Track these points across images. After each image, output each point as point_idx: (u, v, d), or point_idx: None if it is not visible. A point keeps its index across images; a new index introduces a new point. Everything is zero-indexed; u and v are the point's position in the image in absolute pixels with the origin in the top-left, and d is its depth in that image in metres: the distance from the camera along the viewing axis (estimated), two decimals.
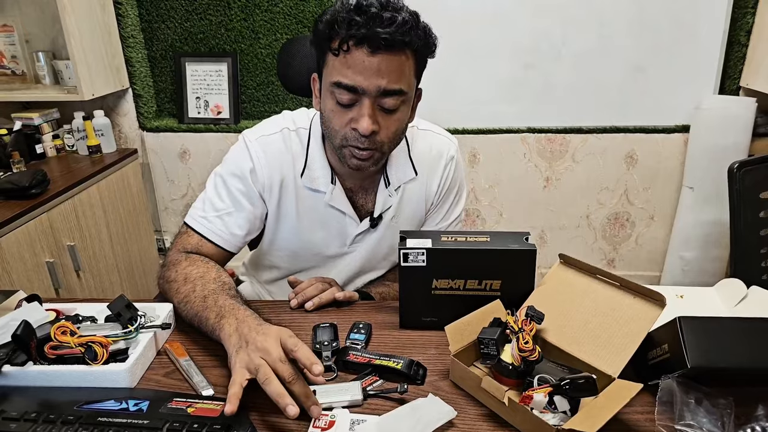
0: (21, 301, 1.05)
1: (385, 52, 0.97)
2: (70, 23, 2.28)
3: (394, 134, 1.08)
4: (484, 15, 2.47)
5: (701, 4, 2.35)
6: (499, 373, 0.88)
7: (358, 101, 1.02)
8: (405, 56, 1.00)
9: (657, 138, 2.56)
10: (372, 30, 0.95)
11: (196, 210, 1.19)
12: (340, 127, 1.05)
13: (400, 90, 1.01)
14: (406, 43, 0.98)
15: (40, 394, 0.87)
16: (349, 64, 0.99)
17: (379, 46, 0.96)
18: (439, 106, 2.49)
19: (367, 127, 1.01)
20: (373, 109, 1.02)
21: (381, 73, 0.98)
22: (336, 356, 0.96)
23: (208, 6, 2.61)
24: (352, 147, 1.06)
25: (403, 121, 1.09)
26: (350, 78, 0.99)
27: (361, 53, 0.97)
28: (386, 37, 0.95)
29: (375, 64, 0.98)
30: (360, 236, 1.27)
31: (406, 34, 0.97)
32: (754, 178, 1.46)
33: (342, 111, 1.04)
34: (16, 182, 1.99)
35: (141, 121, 2.79)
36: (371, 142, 1.04)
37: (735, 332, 0.84)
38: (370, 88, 0.99)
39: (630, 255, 2.82)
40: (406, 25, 0.97)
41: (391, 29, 0.95)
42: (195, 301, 1.00)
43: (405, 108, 1.07)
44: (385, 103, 1.02)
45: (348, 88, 1.00)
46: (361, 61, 0.98)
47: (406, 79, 1.02)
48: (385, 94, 1.01)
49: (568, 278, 1.00)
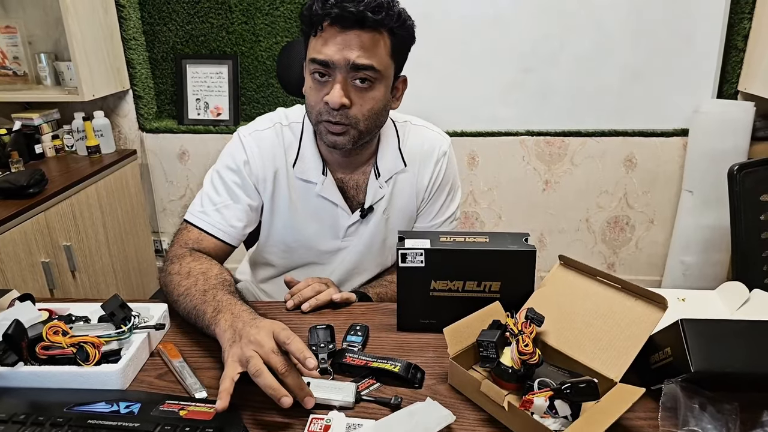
0: (14, 301, 1.03)
1: (357, 29, 1.02)
2: (73, 25, 2.29)
3: (369, 112, 1.10)
4: (484, 19, 2.47)
5: (698, 10, 2.35)
6: (498, 376, 0.87)
7: (332, 77, 1.06)
8: (378, 34, 1.05)
9: (656, 141, 2.56)
10: (342, 7, 1.00)
11: (195, 207, 1.21)
12: (315, 103, 1.10)
13: (371, 65, 1.05)
14: (377, 21, 1.02)
15: (30, 395, 0.86)
16: (322, 41, 1.04)
17: (351, 23, 1.01)
18: (438, 109, 2.48)
19: (336, 100, 1.04)
20: (344, 84, 1.05)
21: (351, 47, 1.03)
22: (332, 358, 0.95)
23: (210, 9, 2.61)
24: (326, 122, 1.09)
25: (379, 100, 1.10)
26: (323, 53, 1.04)
27: (334, 30, 1.03)
28: (353, 11, 1.00)
29: (346, 40, 1.03)
30: (352, 228, 1.27)
31: (376, 12, 1.01)
32: (754, 180, 1.44)
33: (318, 87, 1.08)
34: (14, 181, 1.98)
35: (141, 122, 2.79)
36: (343, 116, 1.07)
37: (740, 335, 0.82)
38: (341, 61, 1.03)
39: (630, 259, 2.81)
40: (374, 2, 1.01)
41: (360, 6, 1.00)
42: (195, 295, 1.00)
43: (381, 87, 1.09)
44: (358, 79, 1.06)
45: (321, 63, 1.04)
46: (333, 38, 1.03)
47: (378, 57, 1.05)
48: (355, 68, 1.04)
49: (568, 280, 0.99)
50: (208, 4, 2.60)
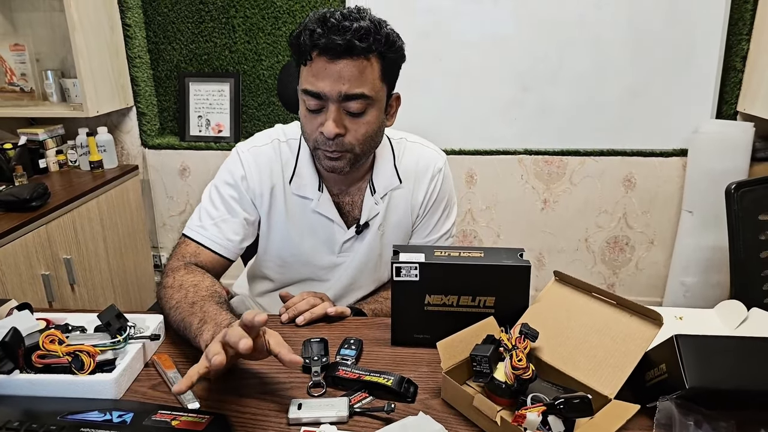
0: (12, 310, 1.04)
1: (345, 58, 1.02)
2: (80, 43, 2.33)
3: (364, 137, 1.11)
4: (483, 38, 2.49)
5: (696, 31, 2.38)
6: (491, 391, 0.86)
7: (325, 107, 1.07)
8: (367, 61, 1.05)
9: (655, 161, 2.56)
10: (329, 38, 1.00)
11: (193, 221, 1.23)
12: (311, 132, 1.11)
13: (362, 94, 1.05)
14: (364, 48, 1.02)
15: (25, 403, 0.86)
16: (313, 72, 1.05)
17: (339, 53, 1.01)
18: (437, 127, 2.51)
19: (331, 131, 1.06)
20: (338, 114, 1.06)
21: (342, 78, 1.03)
22: (325, 372, 0.95)
23: (214, 29, 2.66)
24: (322, 150, 1.11)
25: (373, 123, 1.11)
26: (314, 85, 1.05)
27: (323, 61, 1.03)
28: (340, 43, 1.00)
29: (336, 71, 1.03)
30: (348, 244, 1.28)
31: (363, 40, 1.02)
32: (752, 199, 1.45)
33: (312, 116, 1.09)
34: (17, 194, 2.00)
35: (143, 139, 2.81)
36: (338, 144, 1.09)
37: (735, 352, 0.82)
38: (332, 93, 1.04)
39: (630, 280, 2.80)
40: (361, 31, 1.01)
41: (347, 36, 1.00)
42: (184, 307, 1.01)
43: (374, 111, 1.10)
44: (350, 107, 1.07)
45: (313, 95, 1.06)
46: (323, 69, 1.03)
47: (369, 83, 1.06)
48: (347, 98, 1.05)
49: (563, 296, 0.99)
50: (212, 23, 2.65)
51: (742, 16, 2.36)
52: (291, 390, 0.92)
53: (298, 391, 0.91)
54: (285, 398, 0.89)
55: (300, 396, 0.89)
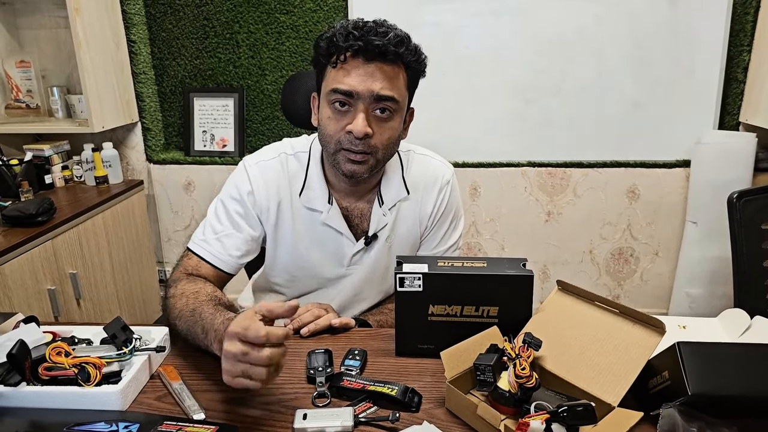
0: (18, 323, 1.04)
1: (379, 61, 1.06)
2: (85, 60, 2.35)
3: (388, 141, 1.13)
4: (485, 52, 2.51)
5: (698, 42, 2.39)
6: (495, 400, 0.86)
7: (353, 107, 1.08)
8: (398, 67, 1.08)
9: (658, 173, 2.57)
10: (367, 40, 1.04)
11: (197, 235, 1.23)
12: (335, 132, 1.11)
13: (392, 97, 1.08)
14: (398, 54, 1.06)
15: (32, 415, 0.87)
16: (346, 71, 1.07)
17: (374, 55, 1.05)
18: (440, 139, 2.45)
19: (362, 129, 1.07)
20: (367, 114, 1.08)
21: (375, 78, 1.06)
22: (330, 382, 0.95)
23: (218, 44, 2.68)
24: (346, 150, 1.11)
25: (396, 130, 1.14)
26: (346, 83, 1.06)
27: (358, 61, 1.06)
28: (379, 44, 1.03)
29: (370, 71, 1.06)
30: (357, 256, 1.28)
31: (399, 46, 1.05)
32: (754, 208, 1.45)
33: (338, 117, 1.10)
34: (23, 210, 2.01)
35: (148, 154, 2.83)
36: (365, 144, 1.09)
37: (738, 358, 0.82)
38: (365, 92, 1.06)
39: (635, 291, 2.79)
40: (398, 39, 1.06)
41: (385, 40, 1.04)
42: (186, 316, 1.02)
43: (398, 118, 1.13)
44: (379, 110, 1.09)
45: (344, 93, 1.07)
46: (356, 68, 1.06)
47: (398, 89, 1.09)
48: (378, 99, 1.07)
49: (566, 305, 1.00)
50: (216, 39, 2.67)
51: (743, 28, 2.37)
52: (296, 400, 0.92)
53: (303, 402, 0.92)
54: (290, 408, 0.89)
55: (305, 406, 0.90)
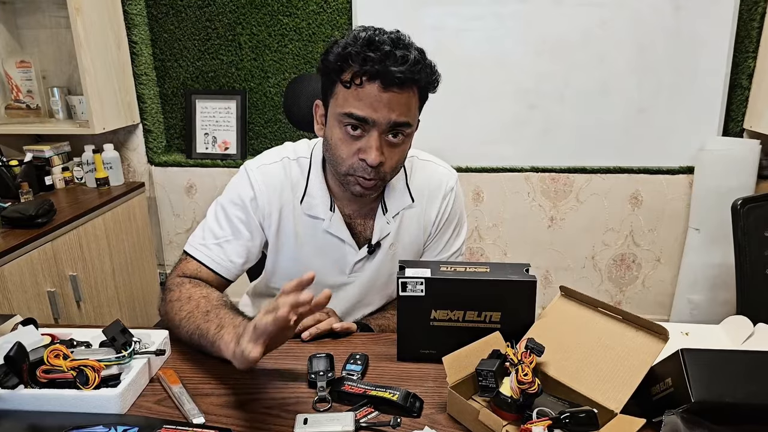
0: (17, 325, 1.04)
1: (395, 88, 1.02)
2: (86, 60, 2.34)
3: (397, 164, 1.12)
4: (488, 56, 2.51)
5: (703, 48, 2.39)
6: (497, 406, 0.86)
7: (367, 133, 1.05)
8: (412, 92, 1.05)
9: (661, 179, 2.56)
10: (385, 67, 1.00)
11: (196, 238, 1.21)
12: (347, 156, 1.08)
13: (407, 123, 1.06)
14: (415, 81, 1.03)
15: (29, 418, 0.86)
16: (360, 97, 1.03)
17: (393, 83, 1.01)
18: (443, 145, 2.50)
19: (375, 159, 1.05)
20: (380, 142, 1.05)
21: (392, 107, 1.03)
22: (331, 387, 0.94)
23: (220, 46, 2.68)
24: (359, 176, 1.09)
25: (405, 151, 1.13)
26: (362, 110, 1.03)
27: (374, 88, 1.02)
28: (400, 75, 1.00)
29: (386, 99, 1.02)
30: (359, 264, 1.27)
31: (417, 73, 1.02)
32: (758, 215, 1.45)
33: (350, 141, 1.07)
34: (23, 211, 2.01)
35: (150, 156, 2.83)
36: (377, 172, 1.08)
37: (742, 365, 0.82)
38: (381, 120, 1.03)
39: (637, 297, 2.78)
40: (417, 64, 1.02)
41: (404, 68, 1.00)
42: (198, 316, 1.02)
43: (408, 140, 1.12)
44: (392, 136, 1.07)
45: (359, 119, 1.04)
46: (373, 95, 1.02)
47: (412, 113, 1.07)
48: (393, 127, 1.05)
49: (569, 311, 0.99)
50: (219, 41, 2.67)
51: (749, 34, 2.37)
52: (297, 405, 0.91)
53: (304, 406, 0.91)
54: (291, 413, 0.88)
55: (306, 411, 0.89)
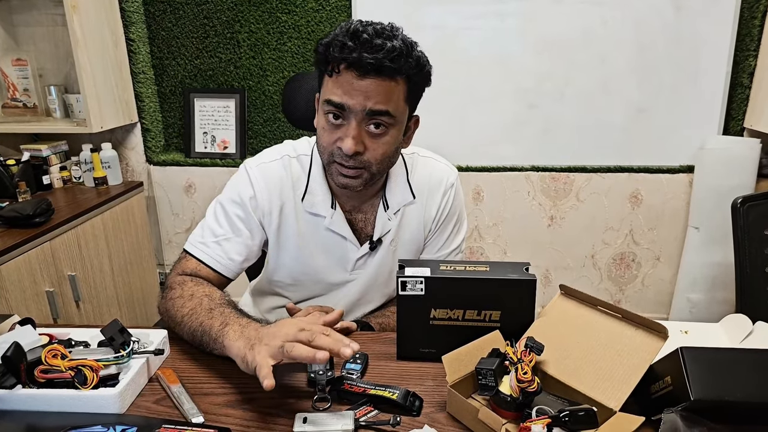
0: (14, 325, 1.03)
1: (374, 77, 1.01)
2: (83, 58, 2.34)
3: (382, 156, 1.10)
4: (489, 55, 2.51)
5: (703, 47, 2.39)
6: (497, 404, 0.85)
7: (346, 120, 1.06)
8: (395, 82, 1.04)
9: (661, 178, 2.56)
10: (360, 55, 0.99)
11: (195, 237, 1.21)
12: (327, 144, 1.09)
13: (386, 111, 1.04)
14: (394, 69, 1.02)
15: (27, 418, 0.86)
16: (339, 84, 1.03)
17: (367, 71, 1.01)
18: (444, 144, 2.44)
19: (350, 147, 1.05)
20: (358, 130, 1.05)
21: (368, 94, 1.02)
22: (330, 386, 0.94)
23: (219, 44, 2.67)
24: (338, 164, 1.09)
25: (392, 144, 1.11)
26: (339, 96, 1.03)
27: (350, 75, 1.02)
28: (371, 62, 0.99)
29: (363, 87, 1.02)
30: (361, 261, 1.27)
31: (395, 61, 1.01)
32: (758, 213, 1.44)
33: (331, 129, 1.08)
34: (20, 210, 2.00)
35: (148, 155, 2.82)
36: (356, 161, 1.07)
37: (741, 364, 0.81)
38: (356, 107, 1.03)
39: (637, 296, 2.78)
40: (394, 52, 1.00)
41: (379, 55, 0.99)
42: (201, 313, 1.02)
43: (394, 132, 1.10)
44: (373, 124, 1.06)
45: (336, 105, 1.04)
46: (349, 83, 1.02)
47: (393, 102, 1.05)
48: (371, 114, 1.04)
49: (569, 309, 0.99)
50: (217, 38, 2.66)
51: (750, 32, 2.37)
52: (296, 404, 0.91)
53: (304, 405, 0.91)
54: (290, 412, 0.88)
55: (305, 410, 0.89)
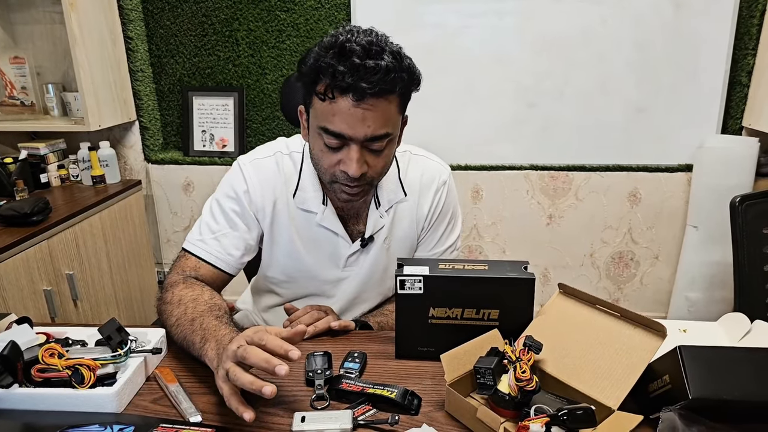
0: (11, 324, 1.03)
1: (369, 98, 0.97)
2: (81, 57, 2.33)
3: (383, 168, 1.10)
4: (488, 54, 2.51)
5: (702, 45, 2.39)
6: (495, 403, 0.85)
7: (346, 145, 1.03)
8: (389, 100, 1.01)
9: (660, 177, 2.56)
10: (356, 81, 0.95)
11: (193, 235, 1.21)
12: (328, 167, 1.07)
13: (386, 134, 1.03)
14: (389, 90, 0.99)
15: (25, 417, 0.85)
16: (334, 112, 0.99)
17: (364, 96, 0.97)
18: (443, 143, 2.46)
19: (356, 172, 1.03)
20: (360, 153, 1.03)
21: (367, 121, 0.99)
22: (329, 384, 0.94)
23: (217, 42, 2.67)
24: (342, 185, 1.08)
25: (391, 155, 1.11)
26: (337, 126, 1.00)
27: (346, 102, 0.98)
28: (371, 90, 0.96)
29: (360, 114, 0.98)
30: (353, 258, 1.27)
31: (389, 82, 0.97)
32: (756, 212, 1.44)
33: (330, 153, 1.05)
34: (18, 209, 2.00)
35: (146, 153, 2.82)
36: (361, 180, 1.06)
37: (739, 363, 0.81)
38: (357, 135, 1.01)
39: (635, 295, 2.78)
40: (389, 73, 0.97)
41: (375, 79, 0.95)
42: (185, 324, 1.01)
43: (392, 144, 1.09)
44: (373, 146, 1.04)
45: (335, 135, 1.01)
46: (346, 110, 0.98)
47: (392, 122, 1.04)
48: (371, 139, 1.02)
49: (567, 308, 0.99)
50: (215, 37, 2.66)
51: (749, 31, 2.37)
52: (294, 403, 0.91)
53: (302, 404, 0.91)
54: (288, 411, 0.88)
55: (303, 409, 0.89)
